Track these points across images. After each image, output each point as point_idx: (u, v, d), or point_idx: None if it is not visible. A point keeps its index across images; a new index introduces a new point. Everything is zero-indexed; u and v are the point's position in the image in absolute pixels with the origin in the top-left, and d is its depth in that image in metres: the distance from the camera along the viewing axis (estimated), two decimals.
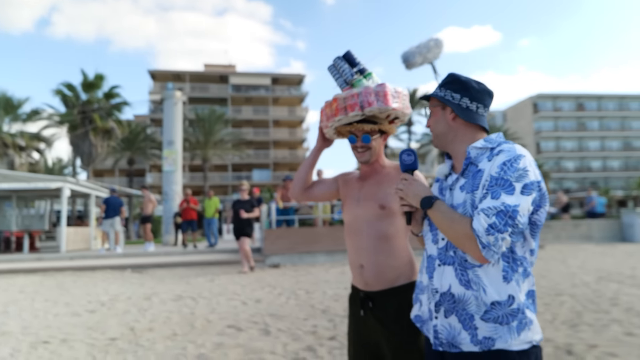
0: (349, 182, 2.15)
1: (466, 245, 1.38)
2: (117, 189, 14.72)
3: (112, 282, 9.00)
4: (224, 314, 5.83)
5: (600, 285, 7.13)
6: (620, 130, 62.93)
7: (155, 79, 51.72)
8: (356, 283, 2.04)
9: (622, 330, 4.57)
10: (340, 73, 2.04)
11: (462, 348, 1.43)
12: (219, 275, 9.65)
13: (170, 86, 19.23)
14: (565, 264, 10.07)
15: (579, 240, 15.99)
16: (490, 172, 1.41)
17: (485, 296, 1.40)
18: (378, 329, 1.90)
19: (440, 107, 1.60)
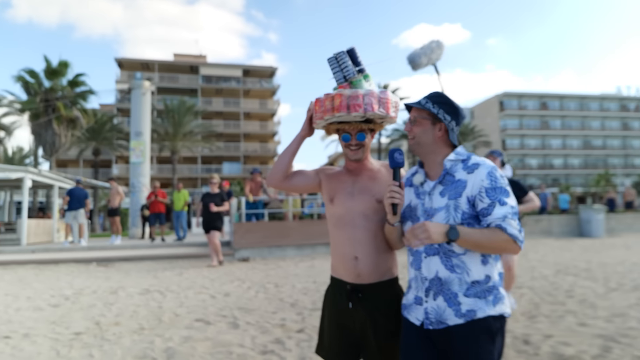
0: (336, 176, 2.17)
1: (507, 247, 1.68)
2: (82, 181, 14.34)
3: (77, 275, 8.81)
4: (193, 307, 5.82)
5: (557, 278, 7.44)
6: (580, 129, 65.26)
7: (123, 68, 50.41)
8: (342, 275, 2.05)
9: (576, 320, 4.80)
10: (341, 68, 2.03)
11: (449, 323, 1.71)
12: (187, 269, 9.57)
13: (138, 76, 18.90)
14: (526, 257, 10.44)
15: (539, 235, 16.56)
16: (482, 184, 1.71)
17: (468, 277, 1.71)
18: (366, 320, 1.97)
19: (431, 121, 1.84)
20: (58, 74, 26.71)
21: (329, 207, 2.13)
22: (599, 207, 16.84)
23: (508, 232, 1.66)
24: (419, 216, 1.82)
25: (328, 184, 2.16)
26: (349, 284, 2.02)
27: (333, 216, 2.10)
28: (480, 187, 1.71)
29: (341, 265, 2.06)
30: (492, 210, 1.68)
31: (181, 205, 14.42)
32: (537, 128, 64.24)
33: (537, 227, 16.75)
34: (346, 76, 2.01)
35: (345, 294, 2.02)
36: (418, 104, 1.85)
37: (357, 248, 2.01)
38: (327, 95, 2.00)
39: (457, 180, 1.76)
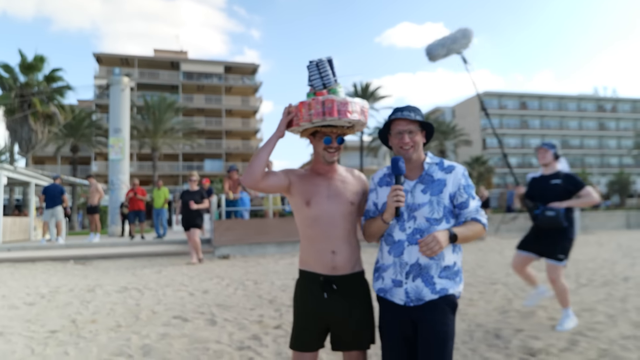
0: (308, 179, 2.29)
1: (480, 233, 2.15)
2: (61, 177, 14.12)
3: (53, 274, 8.71)
4: (170, 305, 5.82)
5: None
6: (558, 129, 66.54)
7: (101, 63, 49.65)
8: (316, 268, 2.23)
9: (546, 315, 4.95)
10: (321, 75, 2.18)
11: (426, 299, 2.08)
12: (166, 266, 9.54)
13: (117, 71, 18.67)
14: (502, 255, 10.65)
15: (516, 232, 16.83)
16: (460, 181, 2.15)
17: (443, 262, 2.09)
18: (341, 307, 2.19)
19: (420, 130, 2.20)
20: (34, 68, 26.19)
21: (303, 209, 2.25)
22: None
23: (482, 222, 2.15)
24: (403, 211, 2.13)
25: (301, 187, 2.27)
26: (323, 276, 2.21)
27: (308, 218, 2.25)
28: (459, 184, 2.14)
29: (316, 259, 2.23)
30: (469, 203, 2.13)
31: (161, 202, 14.30)
32: (516, 127, 65.29)
33: (514, 225, 17.01)
34: (325, 84, 2.17)
35: (320, 285, 2.20)
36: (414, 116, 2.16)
37: (335, 243, 2.22)
38: (315, 99, 2.11)
39: (437, 180, 2.14)
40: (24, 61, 26.05)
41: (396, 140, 2.18)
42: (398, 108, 2.21)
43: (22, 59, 26.08)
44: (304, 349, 2.22)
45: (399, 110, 2.18)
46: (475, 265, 9.00)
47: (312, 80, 2.19)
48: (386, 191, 2.19)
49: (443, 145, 45.94)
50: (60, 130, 30.98)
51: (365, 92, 41.87)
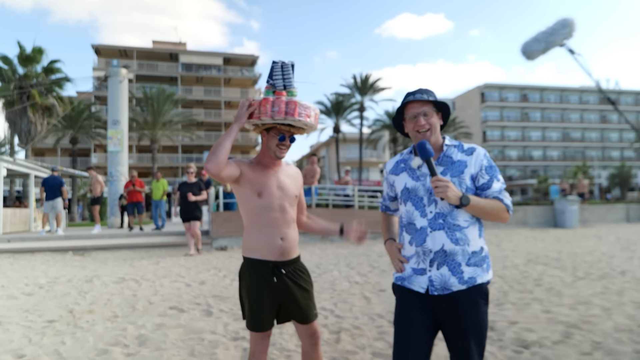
0: (258, 171, 2.47)
1: (502, 215, 2.04)
2: (59, 169, 14.12)
3: (52, 264, 8.75)
4: (167, 295, 5.86)
5: (528, 267, 7.65)
6: (560, 122, 66.37)
7: (100, 55, 49.40)
8: (265, 255, 2.42)
9: (541, 308, 4.97)
10: (284, 76, 2.36)
11: (453, 289, 1.98)
12: (164, 258, 9.58)
13: (115, 63, 18.62)
14: (500, 247, 10.68)
15: (515, 225, 16.92)
16: (482, 163, 2.06)
17: (469, 248, 2.00)
18: (290, 289, 2.43)
19: (436, 112, 2.14)
20: (32, 60, 26.13)
21: (254, 199, 2.42)
22: (573, 199, 17.25)
23: (505, 202, 2.05)
24: (422, 196, 2.07)
25: (253, 178, 2.44)
26: (271, 262, 2.42)
27: (258, 207, 2.43)
28: (481, 165, 2.06)
29: (266, 247, 2.42)
30: (491, 184, 2.05)
31: (160, 194, 14.29)
32: (517, 120, 65.13)
33: (512, 218, 17.07)
34: (286, 85, 2.36)
35: (271, 270, 2.41)
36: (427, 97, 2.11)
37: (283, 230, 2.45)
38: (279, 99, 2.29)
39: (457, 161, 2.07)
40: (23, 53, 25.98)
41: (411, 124, 2.12)
42: (410, 92, 2.17)
43: (21, 51, 26.02)
44: (263, 329, 2.45)
45: (411, 94, 2.15)
46: None
47: (275, 80, 2.36)
48: (404, 178, 2.15)
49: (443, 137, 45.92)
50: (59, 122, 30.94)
51: (365, 83, 41.74)
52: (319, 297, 5.62)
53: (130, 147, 42.73)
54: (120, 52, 49.88)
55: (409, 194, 2.10)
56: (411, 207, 2.09)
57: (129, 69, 20.57)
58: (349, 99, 41.78)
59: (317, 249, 11.16)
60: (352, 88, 42.02)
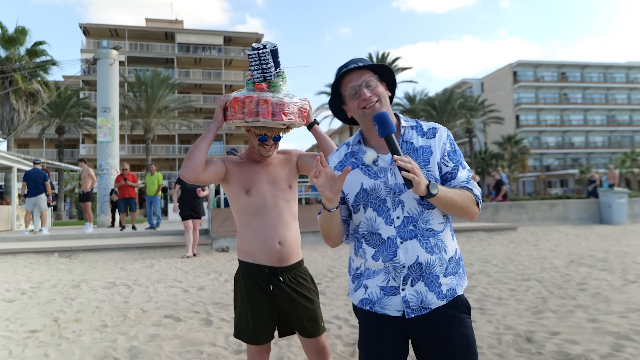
0: (245, 167, 2.46)
1: (471, 208, 1.82)
2: (42, 161, 14.26)
3: (36, 268, 8.83)
4: (162, 302, 5.85)
5: (570, 270, 7.52)
6: (604, 103, 65.42)
7: (88, 35, 49.79)
8: (261, 260, 2.39)
9: (586, 316, 4.86)
10: (262, 66, 2.25)
11: (432, 307, 1.78)
12: (159, 260, 9.61)
13: (105, 44, 18.62)
14: (537, 247, 10.54)
15: (554, 221, 16.71)
16: (445, 147, 1.84)
17: (446, 255, 1.81)
18: (289, 298, 2.39)
19: (379, 81, 1.89)
20: (15, 42, 26.35)
21: (244, 198, 2.42)
22: (621, 190, 16.97)
23: (474, 192, 1.84)
24: (384, 197, 1.82)
25: (240, 175, 2.44)
26: (268, 268, 2.39)
27: (250, 207, 2.41)
28: (444, 150, 1.84)
29: (261, 251, 2.39)
30: (457, 173, 1.84)
31: (155, 189, 14.36)
32: (555, 102, 64.36)
33: (551, 213, 16.87)
34: (266, 76, 2.27)
35: (267, 277, 2.38)
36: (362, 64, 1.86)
37: (281, 233, 2.41)
38: (250, 98, 2.22)
39: (420, 147, 1.83)
40: (4, 34, 26.22)
41: (354, 102, 1.85)
42: (342, 65, 1.92)
43: (2, 32, 26.26)
44: (260, 342, 2.42)
45: (343, 66, 1.90)
46: (506, 258, 8.91)
47: (253, 70, 2.28)
48: (357, 177, 1.86)
49: (470, 122, 45.59)
50: (45, 109, 31.27)
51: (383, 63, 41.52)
52: (331, 304, 5.56)
53: (122, 137, 43.07)
54: (111, 32, 50.20)
55: (367, 196, 1.83)
56: (372, 213, 1.83)
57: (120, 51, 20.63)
58: None
59: (330, 250, 11.11)
60: None
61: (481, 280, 6.83)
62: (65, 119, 34.23)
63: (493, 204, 16.87)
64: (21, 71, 26.27)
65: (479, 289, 6.22)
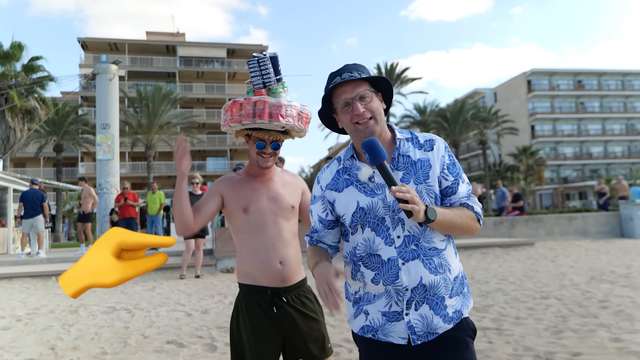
0: (244, 185, 2.47)
1: (472, 226, 1.80)
2: (40, 181, 14.35)
3: (33, 293, 8.84)
4: (164, 327, 5.84)
5: (590, 287, 7.45)
6: (622, 112, 65.21)
7: (87, 50, 50.48)
8: (262, 282, 2.38)
9: (609, 335, 4.80)
10: (261, 73, 2.34)
11: (439, 331, 1.73)
12: (161, 282, 9.62)
13: (104, 58, 18.84)
14: (556, 263, 10.45)
15: (573, 236, 16.58)
16: (444, 160, 1.81)
17: (450, 274, 1.77)
18: (293, 320, 2.38)
19: (375, 93, 1.83)
20: (11, 57, 26.71)
21: (242, 217, 2.42)
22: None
23: (474, 210, 1.82)
24: (382, 216, 1.76)
25: (238, 195, 2.44)
26: (270, 289, 2.38)
27: (248, 224, 2.42)
28: (443, 163, 1.81)
29: (262, 271, 2.38)
30: (457, 188, 1.82)
31: (156, 208, 14.41)
32: (571, 111, 64.26)
33: (570, 227, 16.75)
34: (265, 82, 2.33)
35: (269, 299, 2.37)
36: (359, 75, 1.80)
37: (282, 252, 2.40)
38: (247, 100, 2.28)
39: (418, 161, 1.79)
40: (0, 49, 26.58)
41: (346, 115, 1.79)
42: (334, 72, 1.84)
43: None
44: None
45: (336, 74, 1.81)
46: (523, 275, 8.84)
47: (252, 77, 2.37)
48: (353, 194, 1.81)
49: (484, 134, 45.52)
50: (42, 127, 31.60)
51: (391, 74, 41.69)
52: (341, 326, 5.53)
53: (122, 155, 43.36)
54: (110, 46, 50.87)
55: (365, 216, 1.77)
56: (371, 233, 1.77)
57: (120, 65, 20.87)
58: None
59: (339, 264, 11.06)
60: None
61: (498, 299, 6.77)
62: (64, 137, 34.56)
63: (509, 219, 16.79)
64: (17, 88, 26.60)
65: (495, 308, 6.17)
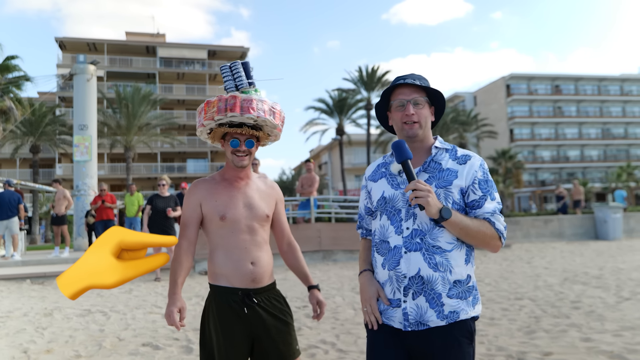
0: (218, 188, 2.50)
1: (490, 242, 1.93)
2: (15, 183, 14.12)
3: (6, 296, 8.70)
4: (140, 330, 5.81)
5: (564, 287, 7.59)
6: (599, 116, 66.37)
7: (65, 49, 49.78)
8: (234, 282, 2.41)
9: (580, 335, 4.90)
10: (234, 77, 2.43)
11: (430, 324, 1.88)
12: (138, 284, 9.56)
13: (82, 58, 18.65)
14: (531, 264, 10.62)
15: (549, 237, 16.85)
16: (476, 175, 1.96)
17: (451, 276, 1.89)
18: (263, 322, 2.40)
19: (428, 103, 2.06)
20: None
21: (218, 224, 2.44)
22: (616, 205, 17.18)
23: (496, 226, 1.93)
24: (400, 208, 1.97)
25: (215, 202, 2.46)
26: (241, 290, 2.40)
27: (222, 229, 2.45)
28: (474, 177, 1.96)
29: (234, 273, 2.41)
30: (484, 203, 1.94)
31: (135, 210, 14.24)
32: (549, 115, 65.18)
33: (546, 229, 17.02)
34: (238, 85, 2.42)
35: (240, 300, 2.39)
36: (420, 83, 2.02)
37: (254, 254, 2.45)
38: (219, 97, 2.36)
39: (447, 169, 1.97)
40: None
41: (398, 114, 2.03)
42: (400, 76, 2.08)
43: None
44: None
45: (401, 77, 2.05)
46: (499, 277, 8.96)
47: (225, 83, 2.46)
48: (382, 185, 2.07)
49: (463, 137, 45.93)
50: (18, 127, 31.07)
51: (372, 77, 41.88)
52: (318, 327, 5.56)
53: (101, 156, 42.85)
54: (89, 46, 50.24)
55: (385, 204, 2.01)
56: (386, 221, 2.00)
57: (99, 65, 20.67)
58: (354, 96, 41.94)
59: (318, 270, 11.09)
60: (358, 83, 42.17)
61: None
62: (40, 138, 34.01)
63: None
64: None
65: None
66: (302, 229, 12.69)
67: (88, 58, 19.34)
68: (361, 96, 42.05)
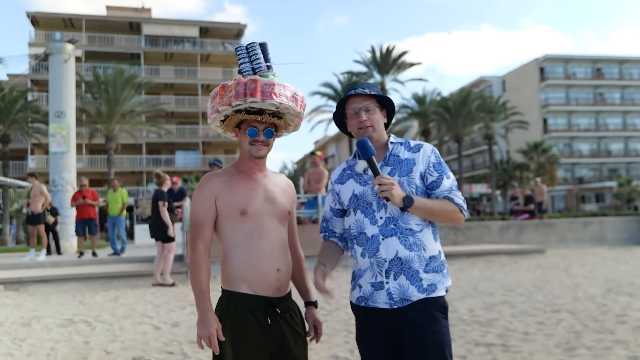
0: (236, 182, 2.50)
1: (454, 217, 2.47)
2: None
3: None
4: (129, 342, 5.87)
5: (607, 299, 7.60)
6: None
7: (38, 26, 49.91)
8: (257, 290, 2.40)
9: (627, 353, 4.93)
10: (250, 59, 2.46)
11: (412, 299, 2.35)
12: (125, 291, 9.64)
13: (58, 36, 18.71)
14: (569, 273, 10.62)
15: (589, 242, 16.83)
16: (430, 159, 2.49)
17: (425, 253, 2.41)
18: (284, 335, 2.42)
19: (379, 108, 2.57)
20: None
21: (239, 220, 2.43)
22: None
23: (455, 202, 2.46)
24: (370, 201, 2.45)
25: (234, 196, 2.45)
26: (263, 298, 2.40)
27: (245, 228, 2.43)
28: (429, 162, 2.49)
29: (259, 279, 2.40)
30: (441, 182, 2.47)
31: (118, 208, 14.34)
32: (589, 103, 64.86)
33: (585, 233, 17.02)
34: (255, 69, 2.45)
35: (264, 309, 2.39)
36: (369, 92, 2.52)
37: (280, 258, 2.47)
38: (237, 80, 2.36)
39: (405, 159, 2.50)
40: None
41: (353, 121, 2.54)
42: (352, 86, 2.58)
43: None
44: None
45: (352, 88, 2.56)
46: (532, 286, 8.98)
47: (241, 65, 2.48)
48: (350, 185, 2.54)
49: (490, 127, 45.71)
50: None
51: (386, 59, 41.87)
52: (329, 341, 5.61)
53: (79, 147, 42.98)
54: (65, 22, 50.35)
55: (357, 201, 2.49)
56: (360, 215, 2.47)
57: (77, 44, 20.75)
58: (366, 79, 41.88)
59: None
60: (370, 65, 42.21)
61: (504, 312, 6.89)
62: (11, 126, 34.14)
63: (517, 223, 16.99)
64: None
65: (501, 322, 6.29)
66: (309, 231, 12.69)
67: (65, 36, 19.37)
68: (374, 80, 42.04)
